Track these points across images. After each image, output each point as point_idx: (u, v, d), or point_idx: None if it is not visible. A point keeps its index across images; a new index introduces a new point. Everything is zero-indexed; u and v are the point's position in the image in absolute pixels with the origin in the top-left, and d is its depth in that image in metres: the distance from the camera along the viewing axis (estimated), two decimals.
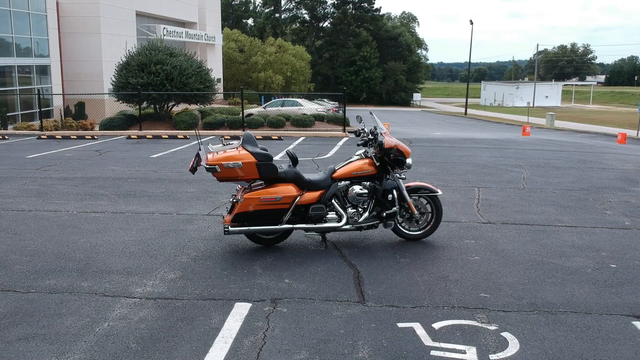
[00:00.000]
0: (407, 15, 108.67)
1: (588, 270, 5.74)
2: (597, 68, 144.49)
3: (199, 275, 5.46)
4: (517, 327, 4.40)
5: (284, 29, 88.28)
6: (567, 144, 18.46)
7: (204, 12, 49.01)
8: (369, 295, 5.01)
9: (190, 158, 12.63)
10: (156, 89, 22.12)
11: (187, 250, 6.25)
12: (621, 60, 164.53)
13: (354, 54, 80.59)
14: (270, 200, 6.01)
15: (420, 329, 4.36)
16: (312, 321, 4.47)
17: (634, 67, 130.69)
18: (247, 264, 5.79)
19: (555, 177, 11.20)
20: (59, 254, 6.05)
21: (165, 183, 10.12)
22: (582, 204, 8.70)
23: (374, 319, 4.52)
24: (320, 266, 5.75)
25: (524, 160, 13.51)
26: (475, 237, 6.83)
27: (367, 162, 6.40)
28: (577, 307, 4.82)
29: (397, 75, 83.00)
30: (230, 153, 6.00)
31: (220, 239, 6.68)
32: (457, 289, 5.19)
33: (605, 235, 7.01)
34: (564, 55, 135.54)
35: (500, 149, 15.89)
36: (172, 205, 8.38)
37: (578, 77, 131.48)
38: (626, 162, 13.54)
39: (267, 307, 4.74)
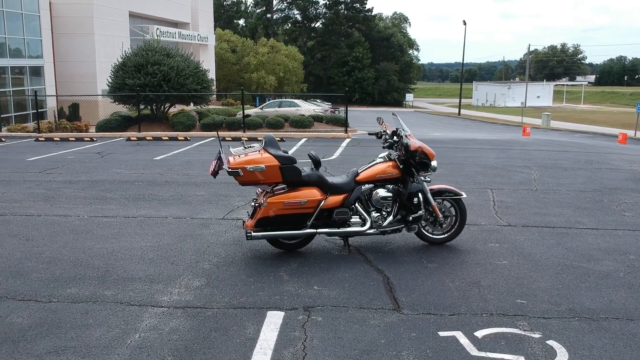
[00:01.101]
0: (399, 15, 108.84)
1: (620, 274, 5.63)
2: (587, 68, 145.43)
3: (225, 283, 5.30)
4: (562, 335, 4.28)
5: (275, 29, 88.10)
6: (569, 145, 18.44)
7: (197, 12, 48.70)
8: (403, 302, 4.88)
9: (209, 161, 12.54)
10: (153, 90, 21.90)
11: (207, 256, 6.09)
12: (610, 61, 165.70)
13: (346, 55, 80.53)
14: (295, 205, 5.86)
15: (463, 337, 4.22)
16: (350, 330, 4.33)
17: (624, 67, 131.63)
18: (272, 270, 5.64)
19: (566, 178, 11.12)
20: (76, 261, 5.87)
21: (173, 186, 9.94)
22: (598, 206, 8.62)
23: (414, 328, 4.38)
24: (347, 272, 5.61)
25: (531, 161, 13.44)
26: (499, 241, 6.72)
27: (391, 164, 6.27)
28: (618, 313, 4.71)
29: (390, 75, 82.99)
30: (253, 156, 5.85)
31: (239, 244, 6.53)
32: (492, 295, 5.06)
33: (629, 237, 6.92)
34: (554, 56, 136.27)
35: (504, 149, 15.83)
36: (185, 209, 8.21)
37: (568, 77, 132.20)
38: (633, 163, 13.50)
39: (301, 315, 4.59)
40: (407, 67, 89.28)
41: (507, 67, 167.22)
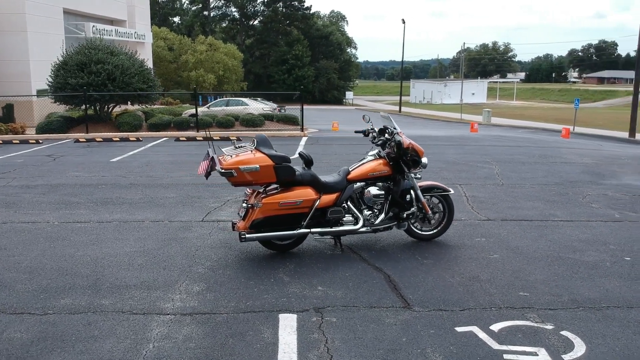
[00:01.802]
0: (336, 14, 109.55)
1: (607, 264, 5.84)
2: (517, 66, 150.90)
3: (226, 287, 5.16)
4: (573, 325, 4.39)
5: (213, 27, 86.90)
6: (519, 140, 19.06)
7: (133, 9, 47.33)
8: (412, 300, 4.88)
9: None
10: (98, 90, 21.15)
11: (198, 259, 5.92)
12: (538, 58, 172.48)
13: (285, 53, 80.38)
14: (290, 205, 5.78)
15: (480, 332, 4.27)
16: (368, 330, 4.30)
17: (551, 65, 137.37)
18: (270, 272, 5.54)
19: (526, 172, 11.48)
20: (60, 270, 5.58)
21: (140, 188, 9.61)
22: (565, 198, 8.93)
23: (430, 325, 4.39)
24: (347, 271, 5.58)
25: (489, 156, 13.80)
26: (484, 235, 6.85)
27: (381, 162, 6.27)
28: (617, 301, 4.88)
29: (330, 73, 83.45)
30: (245, 156, 5.72)
31: (228, 246, 6.38)
32: (494, 289, 5.14)
33: (603, 228, 7.20)
34: (486, 54, 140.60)
35: (460, 145, 16.19)
36: (159, 212, 7.96)
37: (499, 74, 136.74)
38: (583, 156, 14.08)
39: (314, 317, 4.52)
40: (347, 65, 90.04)
41: (441, 65, 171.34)
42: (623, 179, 10.85)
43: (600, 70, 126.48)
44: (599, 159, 13.59)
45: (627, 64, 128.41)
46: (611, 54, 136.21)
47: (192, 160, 13.02)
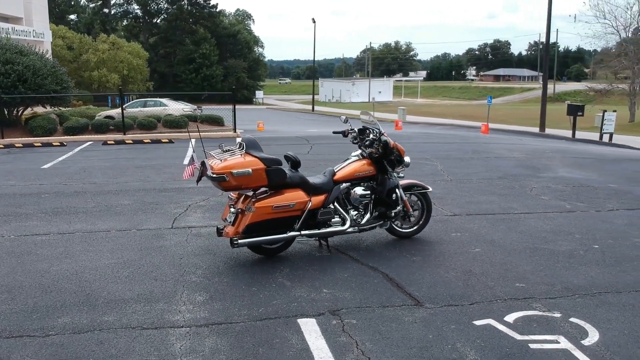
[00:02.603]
0: (242, 12, 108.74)
1: (580, 252, 6.23)
2: (418, 64, 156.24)
3: (229, 295, 5.03)
4: (578, 312, 4.65)
5: (114, 25, 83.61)
6: (446, 137, 19.77)
7: (30, 6, 44.56)
8: (419, 297, 4.98)
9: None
10: (8, 92, 19.77)
11: (187, 268, 5.72)
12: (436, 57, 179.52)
13: (192, 52, 78.79)
14: (284, 208, 5.71)
15: (498, 324, 4.43)
16: (392, 330, 4.34)
17: (451, 63, 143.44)
18: (268, 277, 5.45)
19: (467, 167, 11.96)
20: (42, 287, 5.20)
21: (88, 196, 9.12)
22: (515, 192, 9.40)
23: (448, 320, 4.50)
24: (344, 272, 5.59)
25: (426, 153, 14.23)
26: (457, 230, 7.08)
27: (365, 162, 6.34)
28: (605, 287, 5.22)
29: (239, 73, 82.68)
30: (236, 160, 5.60)
31: (212, 252, 6.21)
32: (491, 281, 5.34)
33: (561, 219, 7.65)
34: (389, 53, 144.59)
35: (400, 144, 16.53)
36: (121, 220, 7.60)
37: (402, 73, 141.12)
38: (512, 151, 14.85)
39: (334, 320, 4.51)
40: (256, 64, 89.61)
41: (346, 64, 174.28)
42: (557, 171, 11.57)
43: (496, 69, 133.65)
44: (527, 153, 14.39)
45: (520, 62, 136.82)
46: (505, 52, 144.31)
47: (131, 165, 12.52)
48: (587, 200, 8.81)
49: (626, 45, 36.63)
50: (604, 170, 11.84)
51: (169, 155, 14.25)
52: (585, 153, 15.35)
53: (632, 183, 10.42)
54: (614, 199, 8.88)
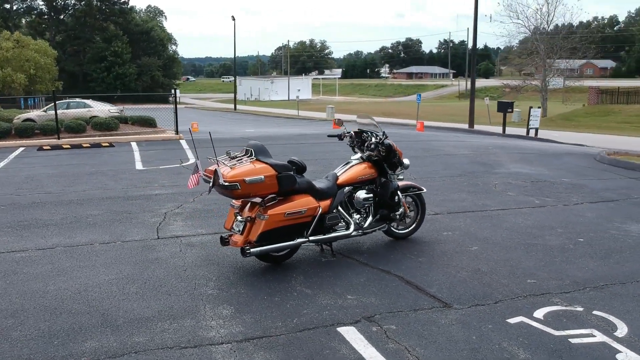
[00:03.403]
0: (154, 9, 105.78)
1: (570, 246, 6.54)
2: (333, 62, 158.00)
3: (255, 307, 4.89)
4: (597, 305, 4.88)
5: (17, 21, 78.93)
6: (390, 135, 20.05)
7: None
8: (445, 298, 5.05)
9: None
10: None
11: (196, 280, 5.51)
12: (349, 55, 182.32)
13: (103, 49, 75.79)
14: (296, 215, 5.62)
15: (530, 321, 4.57)
16: (435, 333, 4.38)
17: (365, 61, 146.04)
18: (285, 286, 5.35)
19: (425, 165, 12.24)
20: (48, 309, 4.85)
21: (49, 207, 8.58)
22: (481, 189, 9.72)
23: (483, 320, 4.60)
24: (359, 277, 5.59)
25: None
26: (447, 229, 7.24)
27: (367, 165, 6.36)
28: (609, 279, 5.50)
29: (153, 71, 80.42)
30: (247, 167, 5.45)
31: (214, 262, 6.02)
32: (504, 279, 5.51)
33: (537, 214, 8.00)
34: (304, 51, 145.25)
35: (341, 143, 16.63)
36: (98, 232, 7.21)
37: (318, 71, 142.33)
38: (459, 148, 15.35)
39: (373, 327, 4.49)
40: (170, 62, 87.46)
41: (261, 62, 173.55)
42: (509, 167, 12.07)
43: (408, 66, 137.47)
44: (472, 150, 14.92)
45: (431, 60, 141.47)
46: (417, 50, 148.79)
47: (81, 171, 11.89)
48: (551, 195, 9.26)
49: (537, 44, 38.74)
50: (552, 165, 12.47)
51: (115, 160, 13.64)
52: (524, 149, 16.11)
53: (581, 177, 11.05)
54: (574, 193, 9.38)
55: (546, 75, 38.33)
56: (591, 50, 38.08)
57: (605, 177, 11.11)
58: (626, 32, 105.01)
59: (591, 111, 35.00)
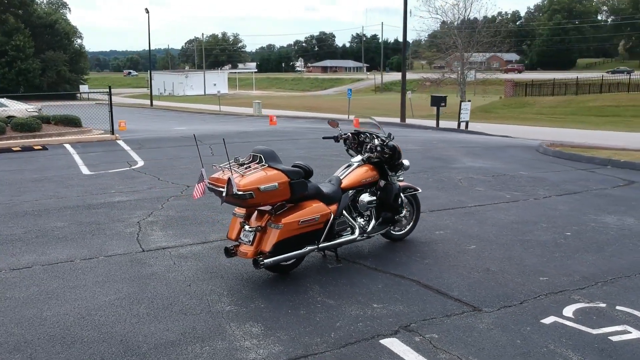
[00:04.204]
0: (57, 1, 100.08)
1: (561, 240, 6.72)
2: (247, 56, 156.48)
3: (283, 323, 4.65)
4: (617, 300, 5.01)
5: None
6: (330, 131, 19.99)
7: None
8: (471, 301, 5.02)
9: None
10: None
11: (208, 296, 5.18)
12: (262, 49, 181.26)
13: (4, 43, 71.02)
14: (309, 222, 5.40)
15: (564, 320, 4.62)
16: (478, 339, 4.33)
17: (280, 55, 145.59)
18: (306, 298, 5.13)
19: None
20: (55, 338, 4.38)
21: (3, 219, 7.83)
22: (448, 185, 9.85)
23: (518, 322, 4.60)
24: (376, 283, 5.46)
25: (331, 149, 14.31)
26: (437, 228, 7.25)
27: (369, 168, 6.23)
28: (613, 273, 5.68)
29: (59, 66, 76.32)
30: (259, 174, 5.17)
31: (218, 275, 5.70)
32: (518, 278, 5.55)
33: (514, 209, 8.18)
34: (217, 44, 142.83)
35: (291, 140, 16.44)
36: (74, 246, 6.65)
37: (231, 64, 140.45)
38: (407, 143, 15.50)
39: (415, 337, 4.38)
40: (77, 56, 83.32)
41: (170, 56, 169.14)
42: (463, 161, 12.33)
43: (323, 60, 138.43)
44: (420, 145, 15.14)
45: (345, 54, 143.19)
46: (331, 44, 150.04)
47: (23, 178, 10.98)
48: (518, 189, 9.52)
49: (455, 39, 39.96)
50: (502, 159, 12.86)
51: (56, 164, 12.72)
52: (466, 142, 16.54)
53: (535, 169, 11.47)
54: (538, 187, 9.70)
55: (464, 68, 39.64)
56: (505, 44, 39.80)
57: (557, 169, 11.58)
58: (527, 27, 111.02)
59: (508, 103, 36.66)
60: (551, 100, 34.92)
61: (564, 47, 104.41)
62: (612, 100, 32.93)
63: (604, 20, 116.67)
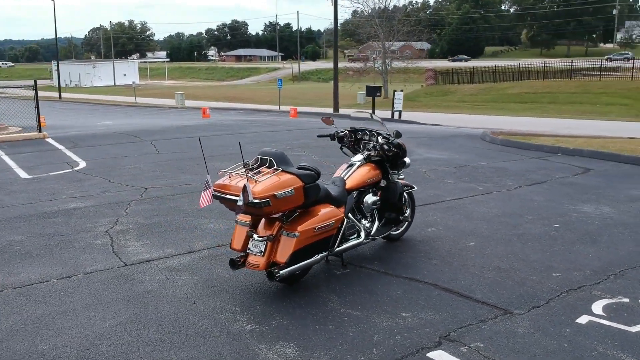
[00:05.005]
0: None
1: (553, 233, 6.74)
2: (156, 45, 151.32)
3: (317, 340, 4.30)
4: (637, 294, 5.03)
5: None
6: (274, 124, 19.56)
7: None
8: (499, 304, 4.87)
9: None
10: None
11: (220, 314, 4.74)
12: (170, 37, 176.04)
13: None
14: (324, 228, 5.06)
15: (598, 319, 4.56)
16: (525, 345, 4.18)
17: (191, 44, 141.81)
18: (329, 310, 4.80)
19: (342, 156, 11.99)
20: None
21: None
22: (416, 177, 9.75)
23: (555, 323, 4.50)
24: (395, 289, 5.21)
25: (283, 142, 13.94)
26: (428, 225, 7.11)
27: (371, 167, 5.96)
28: (618, 265, 5.72)
29: None
30: (273, 180, 4.77)
31: (223, 290, 5.25)
32: (532, 275, 5.48)
33: (492, 202, 8.19)
34: (123, 33, 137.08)
35: (237, 134, 15.84)
36: (44, 264, 5.94)
37: (139, 53, 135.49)
38: None
39: (461, 347, 4.17)
40: None
41: (73, 45, 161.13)
42: (418, 152, 12.33)
43: (236, 49, 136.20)
44: None
45: (259, 43, 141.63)
46: (244, 33, 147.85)
47: None
48: (485, 180, 9.57)
49: (377, 28, 40.38)
50: (454, 149, 12.97)
51: None
52: (409, 132, 16.58)
53: (492, 159, 11.62)
54: (503, 177, 9.80)
55: (385, 58, 40.17)
56: (425, 34, 40.67)
57: (513, 158, 11.79)
58: (437, 16, 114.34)
59: (430, 91, 37.49)
60: (472, 88, 36.06)
61: (473, 35, 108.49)
62: (529, 88, 34.44)
63: (507, 10, 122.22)
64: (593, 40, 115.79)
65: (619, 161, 11.11)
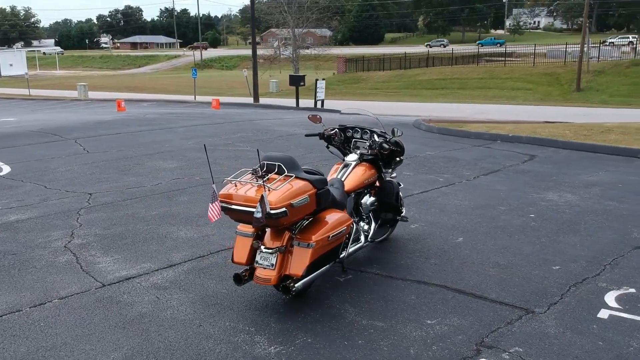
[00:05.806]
0: None
1: (533, 224, 6.83)
2: (43, 32, 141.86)
3: (351, 358, 4.05)
4: (638, 283, 5.16)
5: None
6: (201, 116, 18.71)
7: None
8: (516, 303, 4.82)
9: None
10: None
11: (235, 337, 4.35)
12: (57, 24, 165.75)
13: None
14: (337, 236, 4.77)
15: (619, 312, 4.61)
16: (563, 346, 4.14)
17: (82, 31, 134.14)
18: (351, 323, 4.53)
19: (283, 149, 11.68)
20: None
21: None
22: None
23: (579, 320, 4.50)
24: (408, 295, 5.03)
25: (219, 137, 13.34)
26: (410, 221, 6.97)
27: (367, 166, 5.72)
28: (607, 254, 5.86)
29: None
30: (286, 188, 4.42)
31: (227, 307, 4.84)
32: (535, 270, 5.48)
33: (459, 194, 8.21)
34: (5, 19, 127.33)
35: (167, 129, 14.98)
36: (5, 290, 5.23)
37: (24, 42, 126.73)
38: (287, 126, 15.02)
39: (502, 354, 4.06)
40: None
41: None
42: None
43: (131, 36, 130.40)
44: (304, 127, 14.73)
45: (155, 29, 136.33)
46: (139, 19, 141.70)
47: None
48: (442, 170, 9.61)
49: (285, 15, 39.97)
50: None
51: None
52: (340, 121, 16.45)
53: (437, 149, 11.74)
54: (457, 167, 9.89)
55: (296, 45, 39.91)
56: (334, 21, 40.76)
57: (456, 147, 11.96)
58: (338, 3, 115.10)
59: (342, 79, 37.66)
60: (383, 75, 36.58)
61: (373, 22, 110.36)
62: (439, 74, 35.46)
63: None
64: (485, 26, 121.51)
65: (557, 147, 11.56)
